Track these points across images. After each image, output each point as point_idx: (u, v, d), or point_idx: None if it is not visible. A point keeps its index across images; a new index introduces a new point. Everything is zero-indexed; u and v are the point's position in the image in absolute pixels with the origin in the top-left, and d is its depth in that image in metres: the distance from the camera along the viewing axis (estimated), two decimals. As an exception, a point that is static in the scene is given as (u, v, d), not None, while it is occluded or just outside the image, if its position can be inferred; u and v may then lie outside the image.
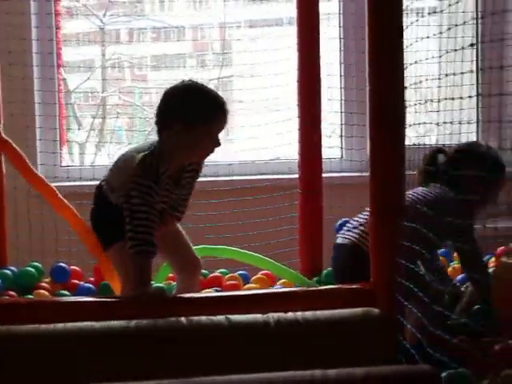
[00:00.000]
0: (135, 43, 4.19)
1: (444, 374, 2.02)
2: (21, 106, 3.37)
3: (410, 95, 2.69)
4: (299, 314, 2.12)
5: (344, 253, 2.69)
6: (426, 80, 2.54)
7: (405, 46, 2.23)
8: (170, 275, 2.95)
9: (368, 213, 2.61)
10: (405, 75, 2.24)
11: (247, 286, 3.08)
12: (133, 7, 4.18)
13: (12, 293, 2.73)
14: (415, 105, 2.58)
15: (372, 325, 2.16)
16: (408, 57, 2.43)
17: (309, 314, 2.13)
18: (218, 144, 2.40)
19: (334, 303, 2.23)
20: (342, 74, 3.71)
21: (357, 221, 2.71)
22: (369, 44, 2.21)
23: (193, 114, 2.35)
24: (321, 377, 1.74)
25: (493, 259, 3.04)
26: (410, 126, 2.36)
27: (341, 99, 3.72)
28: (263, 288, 2.95)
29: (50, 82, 3.64)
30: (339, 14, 3.82)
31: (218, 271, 3.20)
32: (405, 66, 2.25)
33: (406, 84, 2.38)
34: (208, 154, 2.44)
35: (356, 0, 3.67)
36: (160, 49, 4.22)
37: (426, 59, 2.48)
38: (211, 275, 3.16)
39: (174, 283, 2.82)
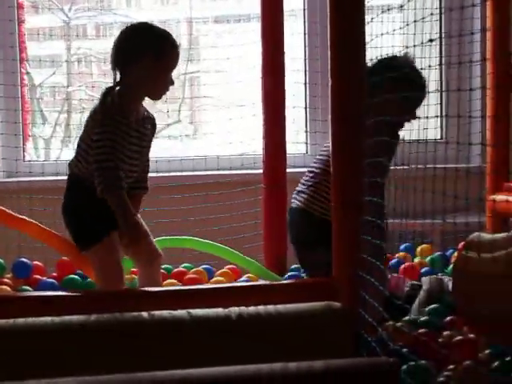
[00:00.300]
0: (102, 38, 4.16)
1: (404, 367, 2.03)
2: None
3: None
4: (261, 307, 2.12)
5: (295, 216, 2.90)
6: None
7: (367, 41, 2.25)
8: (133, 269, 2.94)
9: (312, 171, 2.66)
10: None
11: (212, 280, 3.07)
12: (99, 2, 4.17)
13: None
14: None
15: (333, 318, 2.17)
16: (373, 52, 2.45)
17: (271, 307, 2.13)
18: (173, 82, 2.53)
19: (296, 297, 2.25)
20: (307, 69, 3.73)
21: (303, 184, 2.87)
22: (330, 39, 2.21)
23: (163, 48, 2.46)
24: (280, 370, 1.75)
25: (455, 254, 3.08)
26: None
27: (305, 94, 3.74)
28: (228, 282, 2.97)
29: (13, 76, 3.61)
30: (304, 9, 3.83)
31: (182, 266, 3.20)
32: (367, 60, 2.27)
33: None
34: (164, 92, 2.55)
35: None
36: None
37: (387, 55, 2.51)
38: (175, 270, 3.16)
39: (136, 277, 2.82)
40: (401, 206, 2.75)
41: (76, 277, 2.91)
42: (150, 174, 2.73)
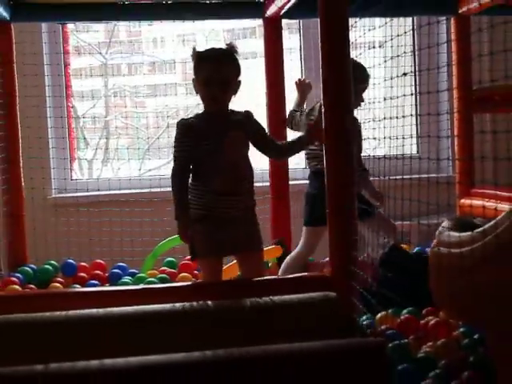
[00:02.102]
0: (133, 75, 4.20)
1: (390, 345, 2.05)
2: (36, 130, 3.38)
3: (363, 115, 2.76)
4: (269, 298, 2.12)
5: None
6: (374, 102, 2.60)
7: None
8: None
9: None
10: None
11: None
12: (131, 45, 4.21)
13: (32, 286, 2.74)
14: (367, 122, 2.63)
15: (330, 306, 2.17)
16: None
17: (277, 298, 2.13)
18: (212, 92, 2.31)
19: (298, 289, 2.25)
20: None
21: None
22: (322, 71, 2.24)
23: (195, 64, 2.35)
24: (286, 349, 1.77)
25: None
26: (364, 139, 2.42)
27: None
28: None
29: (61, 110, 3.64)
30: (300, 48, 3.87)
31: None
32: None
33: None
34: (209, 103, 2.35)
35: (314, 36, 3.69)
36: (154, 79, 4.22)
37: (374, 84, 2.54)
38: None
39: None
40: (385, 210, 2.78)
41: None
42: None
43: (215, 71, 2.30)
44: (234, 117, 2.39)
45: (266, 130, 2.53)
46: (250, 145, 2.42)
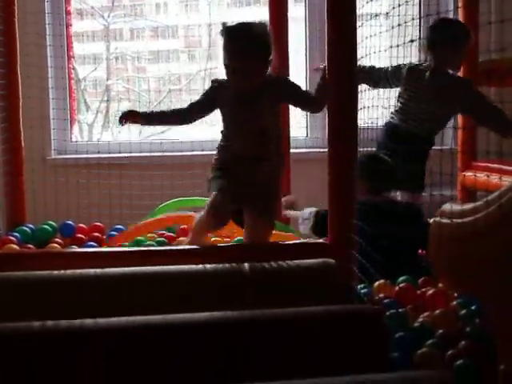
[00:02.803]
0: (135, 40, 4.15)
1: (387, 314, 2.03)
2: (37, 90, 3.33)
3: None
4: (271, 263, 2.11)
5: None
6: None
7: (359, 42, 2.23)
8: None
9: None
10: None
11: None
12: (134, 9, 4.14)
13: (30, 246, 2.71)
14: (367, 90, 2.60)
15: (328, 273, 2.16)
16: (364, 51, 2.45)
17: (275, 263, 2.12)
18: (237, 81, 2.23)
19: (297, 256, 2.24)
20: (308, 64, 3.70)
21: None
22: (328, 41, 2.20)
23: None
24: (284, 314, 1.76)
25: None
26: (360, 109, 2.38)
27: (306, 86, 3.71)
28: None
29: (62, 71, 3.59)
30: (305, 16, 3.81)
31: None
32: (358, 58, 2.25)
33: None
34: (232, 75, 2.23)
35: (320, 5, 3.63)
36: (156, 45, 4.17)
37: (374, 52, 2.49)
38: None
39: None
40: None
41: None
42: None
43: (241, 60, 2.20)
44: (265, 84, 2.28)
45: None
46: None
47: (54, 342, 1.64)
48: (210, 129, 3.86)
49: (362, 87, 2.66)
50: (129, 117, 2.28)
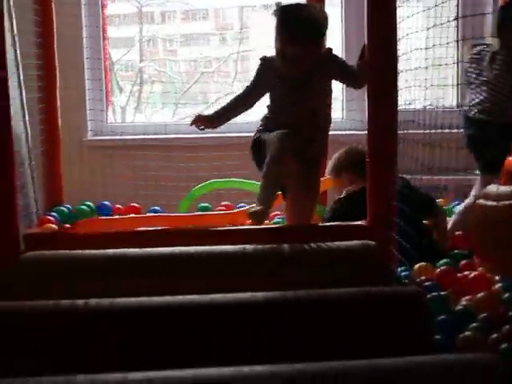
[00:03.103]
0: (167, 23, 4.13)
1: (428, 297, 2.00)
2: (73, 71, 3.33)
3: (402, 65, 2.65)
4: (310, 244, 2.07)
5: None
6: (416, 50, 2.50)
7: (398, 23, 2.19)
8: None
9: None
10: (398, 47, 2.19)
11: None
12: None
13: (68, 226, 2.71)
14: (406, 71, 2.54)
15: (368, 255, 2.13)
16: (400, 32, 2.39)
17: (316, 244, 2.08)
18: (286, 67, 2.15)
19: (336, 237, 2.21)
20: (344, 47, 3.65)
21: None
22: (367, 20, 2.15)
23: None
24: (327, 295, 1.73)
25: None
26: (401, 89, 2.33)
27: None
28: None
29: (97, 51, 3.58)
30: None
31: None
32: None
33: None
34: (283, 59, 2.14)
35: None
36: (188, 28, 4.15)
37: (410, 33, 2.43)
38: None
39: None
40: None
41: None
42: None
43: (295, 46, 2.10)
44: (316, 64, 2.18)
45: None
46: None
47: (102, 321, 1.63)
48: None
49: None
50: (200, 122, 2.22)
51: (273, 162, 2.13)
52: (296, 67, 2.15)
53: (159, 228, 2.20)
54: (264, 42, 3.80)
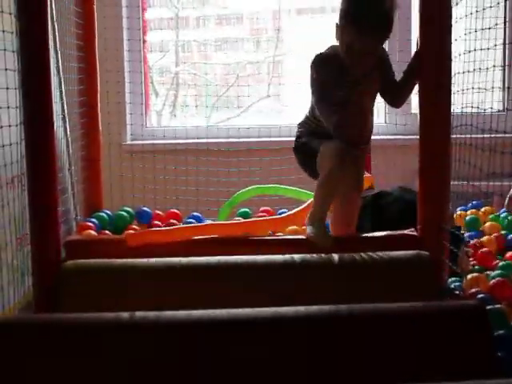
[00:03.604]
0: (202, 28, 4.06)
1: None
2: (114, 74, 3.26)
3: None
4: (361, 254, 2.00)
5: None
6: (464, 54, 2.39)
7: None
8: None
9: None
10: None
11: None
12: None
13: (107, 232, 2.64)
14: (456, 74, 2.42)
15: (422, 266, 2.03)
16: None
17: (368, 254, 2.01)
18: (351, 60, 1.98)
19: (386, 247, 2.11)
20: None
21: None
22: (420, 18, 2.05)
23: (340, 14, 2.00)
24: (385, 308, 1.63)
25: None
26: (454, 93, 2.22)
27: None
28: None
29: (138, 54, 3.51)
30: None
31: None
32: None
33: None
34: (349, 53, 2.00)
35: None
36: (222, 32, 4.08)
37: (459, 37, 2.32)
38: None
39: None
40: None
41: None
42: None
43: (367, 41, 1.95)
44: (371, 61, 2.03)
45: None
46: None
47: (143, 335, 1.55)
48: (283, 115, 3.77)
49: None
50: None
51: (331, 180, 2.05)
52: (363, 63, 2.01)
53: (204, 237, 2.11)
54: (298, 45, 3.74)
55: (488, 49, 2.81)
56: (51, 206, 1.94)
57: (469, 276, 2.18)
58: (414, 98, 3.27)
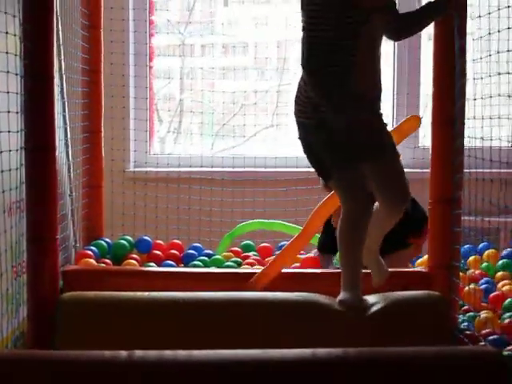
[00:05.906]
0: (206, 56, 3.99)
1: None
2: (119, 100, 3.16)
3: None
4: (370, 296, 1.90)
5: None
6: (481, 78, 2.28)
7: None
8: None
9: None
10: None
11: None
12: (207, 25, 3.97)
13: (107, 261, 2.52)
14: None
15: (432, 306, 1.94)
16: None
17: (376, 295, 1.92)
18: None
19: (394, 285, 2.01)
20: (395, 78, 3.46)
21: None
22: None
23: None
24: (398, 353, 1.52)
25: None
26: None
27: (393, 95, 3.43)
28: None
29: (144, 81, 3.43)
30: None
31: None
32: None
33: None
34: None
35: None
36: (227, 61, 3.98)
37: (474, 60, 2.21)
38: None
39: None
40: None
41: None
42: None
43: None
44: None
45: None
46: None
47: (143, 375, 1.43)
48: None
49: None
50: None
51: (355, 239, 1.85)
52: None
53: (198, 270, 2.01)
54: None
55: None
56: (50, 235, 1.83)
57: (480, 316, 2.08)
58: (421, 130, 3.21)
